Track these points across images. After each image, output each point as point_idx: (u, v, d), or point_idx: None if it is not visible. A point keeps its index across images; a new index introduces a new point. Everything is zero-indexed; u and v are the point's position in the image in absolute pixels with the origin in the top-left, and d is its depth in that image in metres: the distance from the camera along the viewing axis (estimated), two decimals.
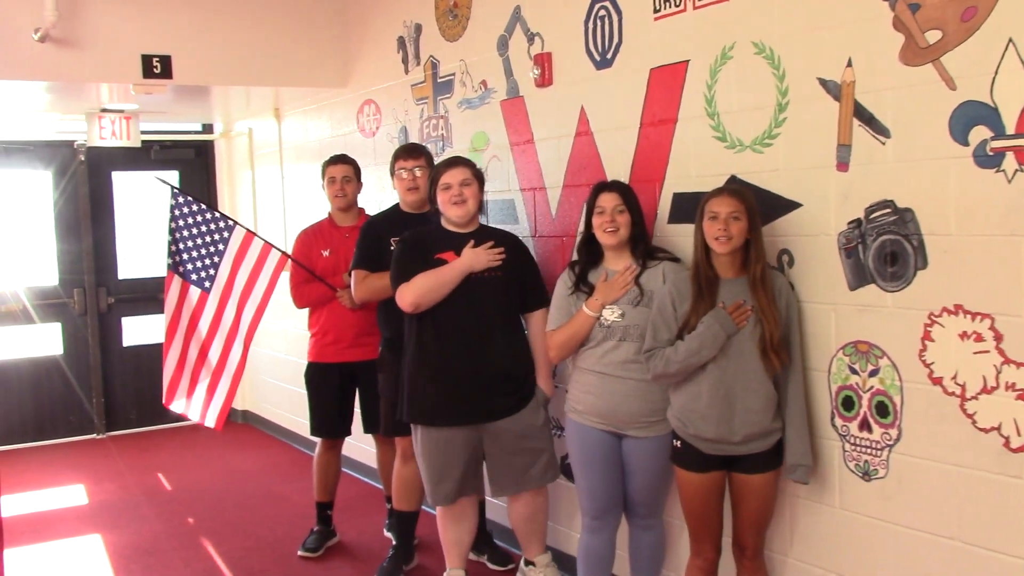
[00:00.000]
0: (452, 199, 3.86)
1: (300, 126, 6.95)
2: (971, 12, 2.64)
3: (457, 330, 3.84)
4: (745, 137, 3.38)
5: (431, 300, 3.82)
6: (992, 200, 2.64)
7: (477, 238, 3.91)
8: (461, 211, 3.88)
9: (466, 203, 3.87)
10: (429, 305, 3.83)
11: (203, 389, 5.13)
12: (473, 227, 3.96)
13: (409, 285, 3.83)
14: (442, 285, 3.81)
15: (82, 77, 5.49)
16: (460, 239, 3.90)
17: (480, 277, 3.84)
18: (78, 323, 7.87)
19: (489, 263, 3.84)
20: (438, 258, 3.86)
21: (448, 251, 3.87)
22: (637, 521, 3.70)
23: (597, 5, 4.00)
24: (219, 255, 5.08)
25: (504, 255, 3.87)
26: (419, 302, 3.82)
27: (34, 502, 6.18)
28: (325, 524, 5.10)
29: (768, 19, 3.25)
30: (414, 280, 3.82)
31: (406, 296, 3.83)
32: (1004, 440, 2.67)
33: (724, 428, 3.14)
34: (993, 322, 2.67)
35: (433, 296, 3.81)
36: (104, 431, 7.96)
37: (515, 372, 3.89)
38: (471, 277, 3.83)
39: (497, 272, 3.85)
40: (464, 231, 3.93)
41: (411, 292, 3.82)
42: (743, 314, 3.11)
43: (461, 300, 3.82)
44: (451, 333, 3.84)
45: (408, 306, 3.84)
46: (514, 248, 3.96)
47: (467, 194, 3.87)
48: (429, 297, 3.81)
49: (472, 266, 3.83)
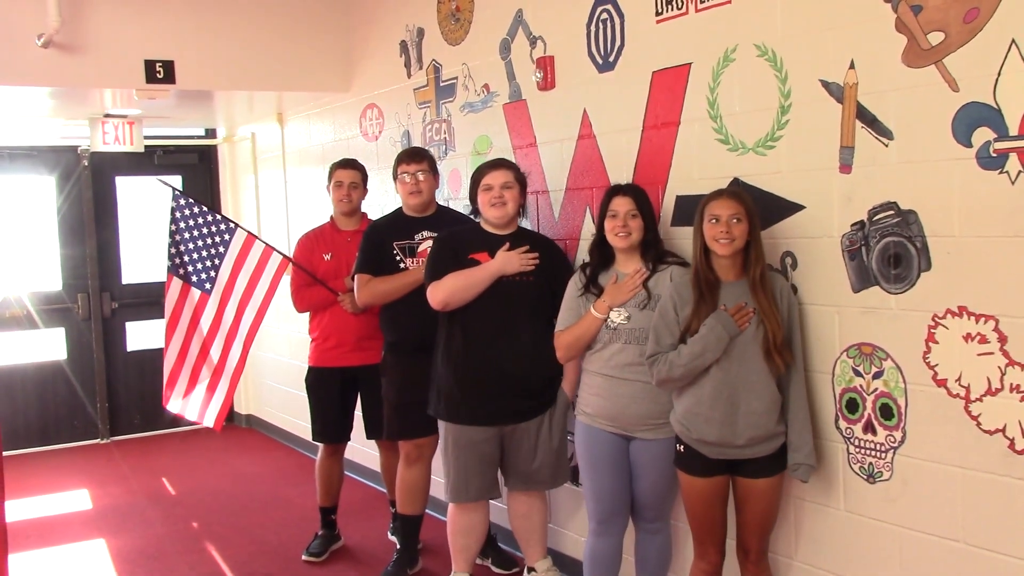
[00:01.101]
0: (492, 200, 3.88)
1: (303, 130, 6.96)
2: (973, 13, 2.64)
3: (485, 332, 3.87)
4: (748, 139, 3.38)
5: (461, 300, 3.84)
6: (996, 201, 2.64)
7: (514, 241, 3.91)
8: (500, 212, 3.89)
9: (506, 205, 3.89)
10: (458, 304, 3.85)
11: (202, 389, 5.13)
12: (511, 229, 3.97)
13: (440, 283, 3.85)
14: (472, 285, 3.83)
15: (85, 82, 5.50)
16: (496, 240, 3.91)
17: (512, 280, 3.85)
18: (82, 328, 7.88)
19: (521, 267, 3.85)
20: (472, 258, 3.88)
21: (482, 252, 3.90)
22: (644, 525, 3.69)
23: (599, 8, 4.00)
24: (220, 257, 5.08)
25: (538, 260, 3.87)
26: (448, 301, 3.84)
27: (38, 507, 6.18)
28: (329, 528, 5.09)
29: (770, 21, 3.25)
30: (445, 279, 3.85)
31: (436, 294, 3.86)
32: (1009, 442, 2.67)
33: (728, 431, 3.13)
34: (997, 324, 2.67)
35: (463, 296, 3.83)
36: (108, 436, 7.96)
37: (541, 376, 3.90)
38: (502, 280, 3.84)
39: (529, 277, 3.86)
40: (502, 233, 3.95)
41: (441, 291, 3.85)
42: (745, 316, 3.11)
43: (491, 302, 3.84)
44: (479, 334, 3.87)
45: (438, 304, 3.87)
46: (550, 253, 3.96)
47: (507, 196, 3.89)
48: (458, 296, 3.83)
49: (504, 269, 3.84)
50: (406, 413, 4.38)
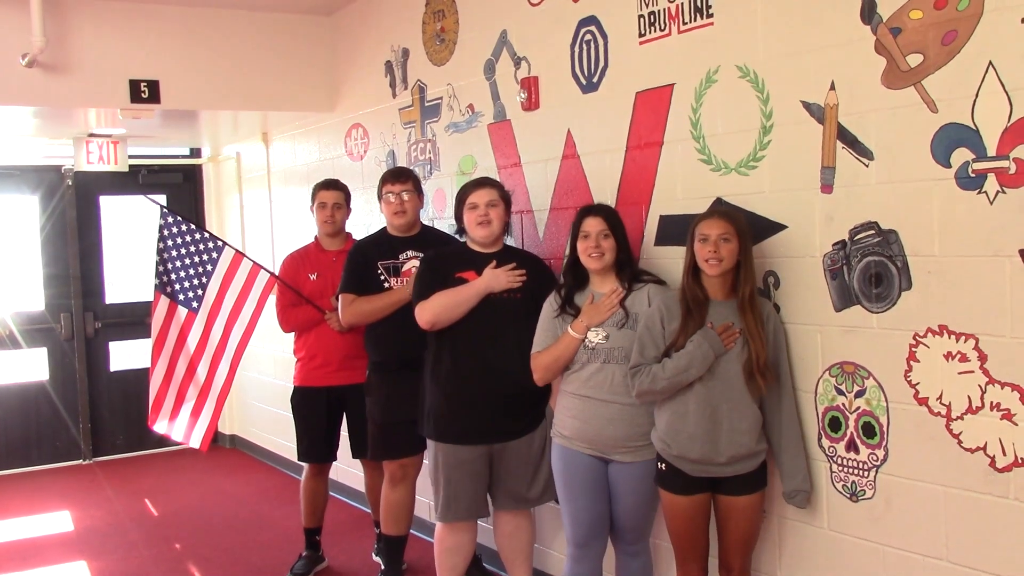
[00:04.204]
0: (478, 219, 3.88)
1: (288, 150, 6.96)
2: (952, 36, 2.67)
3: (474, 350, 3.86)
4: (730, 160, 3.40)
5: (448, 319, 3.83)
6: (975, 221, 2.66)
7: (500, 259, 3.92)
8: (486, 231, 3.89)
9: (491, 224, 3.89)
10: (446, 323, 3.84)
11: (188, 410, 5.11)
12: (497, 247, 3.98)
13: (428, 303, 3.85)
14: (460, 304, 3.82)
15: (70, 102, 5.50)
16: (483, 259, 3.91)
17: (499, 298, 3.85)
18: (64, 348, 7.83)
19: (509, 284, 3.85)
20: (459, 277, 3.88)
21: (469, 270, 3.89)
22: (624, 547, 3.66)
23: (583, 29, 4.03)
24: (207, 275, 5.07)
25: (525, 277, 3.88)
26: (436, 320, 3.84)
27: (19, 529, 6.12)
28: (313, 549, 5.07)
29: (752, 43, 3.28)
30: (433, 298, 3.84)
31: (424, 314, 3.86)
32: (990, 460, 2.68)
33: (710, 448, 3.14)
34: (977, 342, 2.69)
35: (451, 314, 3.82)
36: (90, 456, 7.91)
37: (528, 394, 3.88)
38: (490, 298, 3.84)
39: (516, 294, 3.86)
40: (488, 251, 3.95)
41: (429, 310, 3.84)
42: (731, 336, 3.12)
43: (479, 320, 3.83)
44: (468, 352, 3.86)
45: (426, 323, 3.86)
46: (537, 271, 3.96)
47: (493, 215, 3.89)
48: (446, 315, 3.83)
49: (491, 287, 3.84)
50: (391, 433, 4.37)
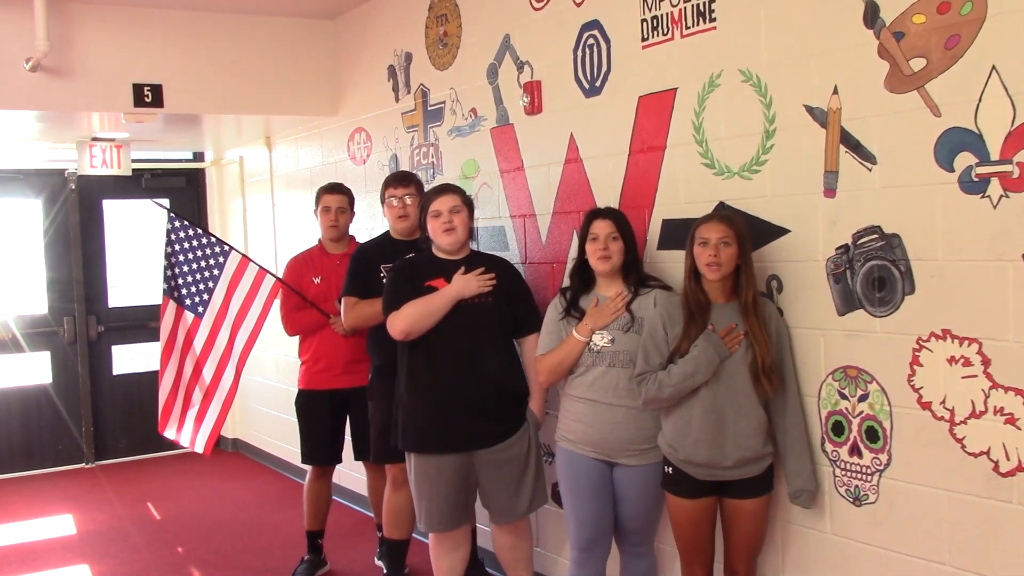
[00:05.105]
0: (443, 227, 3.86)
1: (291, 154, 6.97)
2: (955, 40, 2.67)
3: (449, 357, 3.83)
4: (733, 164, 3.40)
5: (421, 328, 3.81)
6: (978, 225, 2.66)
7: (468, 264, 3.90)
8: (451, 238, 3.88)
9: (455, 230, 3.87)
10: (420, 333, 3.82)
11: (193, 414, 5.11)
12: (464, 253, 3.96)
13: (399, 313, 3.82)
14: (432, 312, 3.80)
15: (73, 106, 5.50)
16: (451, 266, 3.90)
17: (471, 303, 3.83)
18: (67, 351, 7.84)
19: (479, 289, 3.83)
20: (428, 285, 3.85)
21: (438, 278, 3.87)
22: (629, 549, 3.67)
23: (586, 34, 4.03)
24: (214, 280, 5.07)
25: (495, 281, 3.87)
26: (409, 330, 3.81)
27: (22, 532, 6.12)
28: (316, 553, 5.06)
29: (755, 47, 3.28)
30: (404, 308, 3.81)
31: (397, 324, 3.82)
32: (993, 464, 2.68)
33: (716, 452, 3.14)
34: (981, 347, 2.69)
35: (423, 324, 3.80)
36: (93, 460, 7.90)
37: (507, 398, 3.87)
38: (462, 303, 3.82)
39: (488, 298, 3.85)
40: (455, 258, 3.93)
41: (401, 320, 3.81)
42: (735, 338, 3.12)
43: (453, 327, 3.81)
44: (443, 360, 3.83)
45: (399, 334, 3.83)
46: (505, 273, 3.96)
47: (456, 221, 3.87)
48: (419, 325, 3.80)
49: (462, 292, 3.82)
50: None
